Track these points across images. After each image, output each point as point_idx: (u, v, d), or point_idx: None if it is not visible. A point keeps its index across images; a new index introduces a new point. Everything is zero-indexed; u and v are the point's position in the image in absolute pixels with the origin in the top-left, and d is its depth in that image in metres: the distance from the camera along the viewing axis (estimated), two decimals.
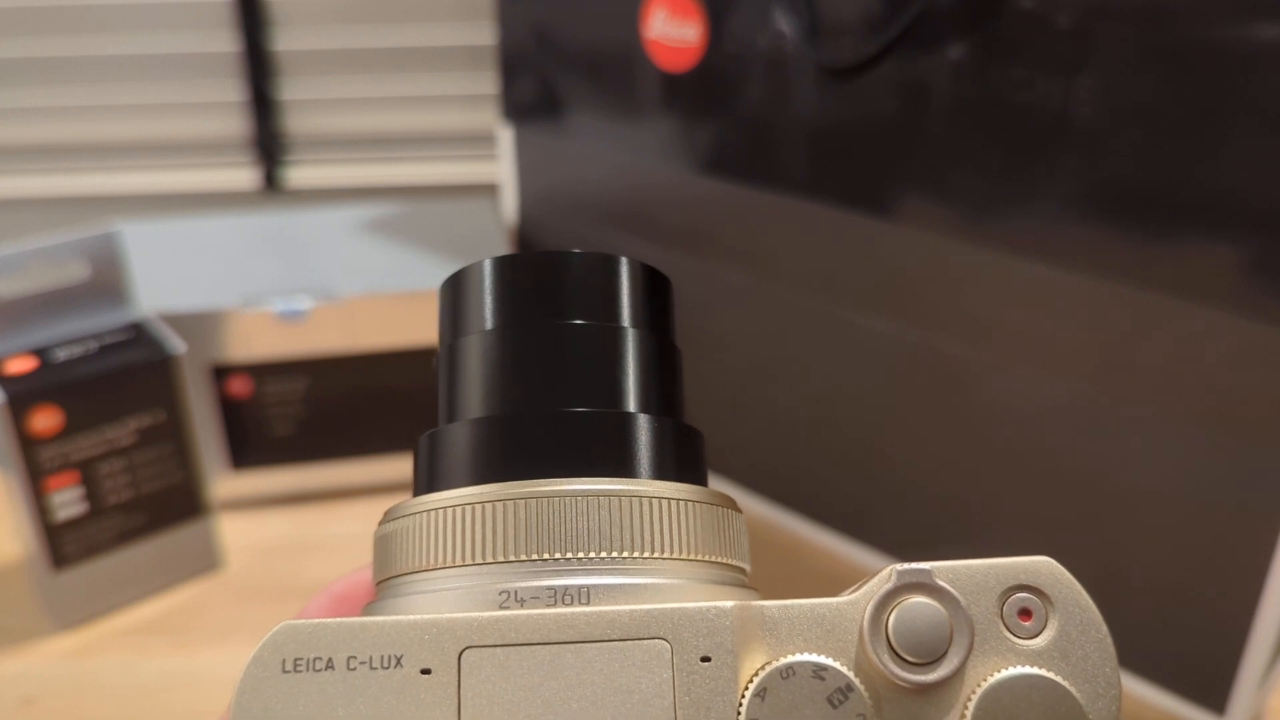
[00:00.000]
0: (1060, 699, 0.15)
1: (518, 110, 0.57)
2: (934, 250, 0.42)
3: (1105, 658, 0.16)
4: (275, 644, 0.16)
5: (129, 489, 0.48)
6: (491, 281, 0.21)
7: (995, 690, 0.16)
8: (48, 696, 0.45)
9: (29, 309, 0.47)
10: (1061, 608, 0.16)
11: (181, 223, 0.64)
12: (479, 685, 0.16)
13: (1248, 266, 0.35)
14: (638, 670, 0.16)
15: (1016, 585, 0.16)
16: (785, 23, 0.44)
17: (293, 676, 0.16)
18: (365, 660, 0.16)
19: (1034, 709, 0.15)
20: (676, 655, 0.16)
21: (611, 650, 0.16)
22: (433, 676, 0.16)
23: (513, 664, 0.16)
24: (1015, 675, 0.16)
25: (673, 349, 0.22)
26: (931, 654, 0.16)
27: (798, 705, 0.15)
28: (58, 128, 0.87)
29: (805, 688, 0.15)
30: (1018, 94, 0.38)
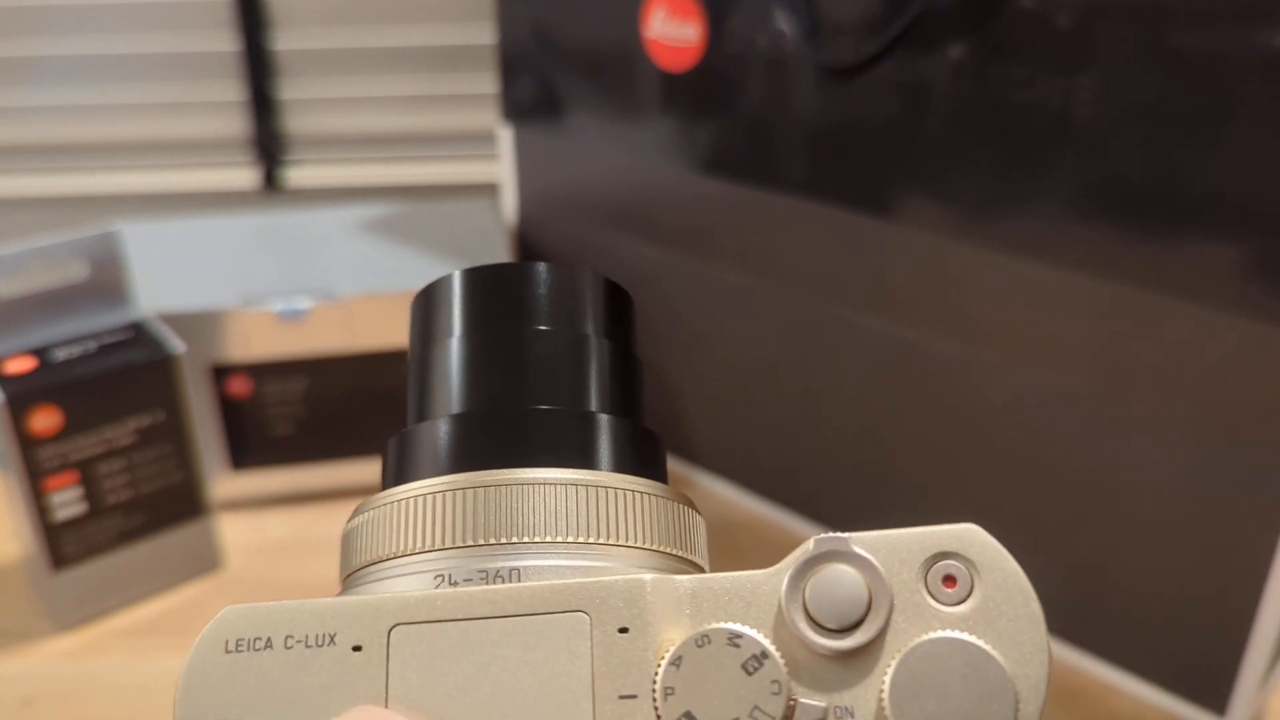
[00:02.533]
0: (982, 662, 0.15)
1: (518, 110, 0.57)
2: (934, 250, 0.42)
3: (1032, 623, 0.15)
4: (219, 626, 0.17)
5: (128, 489, 0.48)
6: (459, 292, 0.22)
7: (915, 654, 0.15)
8: (47, 697, 0.45)
9: (29, 309, 0.47)
10: (987, 574, 0.16)
11: (181, 223, 0.64)
12: (406, 660, 0.16)
13: (1248, 266, 0.35)
14: (557, 642, 0.16)
15: (940, 553, 0.16)
16: (785, 23, 0.44)
17: (234, 656, 0.16)
18: (301, 639, 0.16)
19: (954, 673, 0.15)
20: (595, 627, 0.16)
21: (532, 624, 0.16)
22: (363, 653, 0.16)
23: (438, 639, 0.16)
24: (935, 639, 0.15)
25: (632, 358, 0.23)
26: (849, 621, 0.16)
27: (712, 673, 0.15)
28: (58, 128, 0.87)
29: (720, 655, 0.15)
30: (1018, 94, 0.38)
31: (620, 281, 0.23)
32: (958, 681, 0.15)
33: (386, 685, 0.16)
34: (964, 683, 0.15)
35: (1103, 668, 0.43)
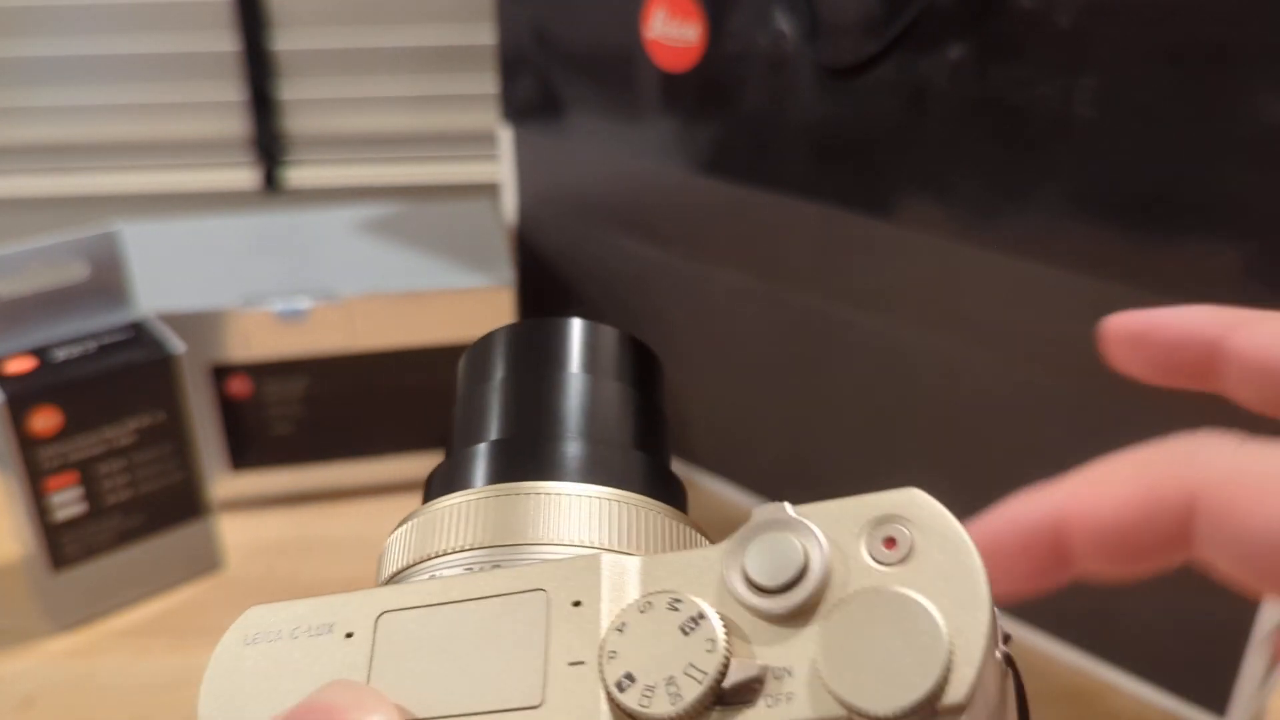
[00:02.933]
0: (914, 611, 0.15)
1: (518, 110, 0.57)
2: (934, 250, 0.42)
3: (971, 577, 0.15)
4: (243, 622, 0.19)
5: (128, 489, 0.48)
6: (504, 341, 0.25)
7: (846, 607, 0.15)
8: (47, 697, 0.45)
9: (28, 309, 0.47)
10: (927, 534, 0.16)
11: (181, 223, 0.64)
12: (389, 642, 0.18)
13: (1248, 266, 0.35)
14: (518, 618, 0.17)
15: (881, 516, 0.16)
16: (785, 23, 0.44)
17: (251, 647, 0.19)
18: (306, 629, 0.18)
19: (885, 623, 0.15)
20: (552, 603, 0.17)
21: (499, 604, 0.17)
22: (354, 638, 0.18)
23: (418, 623, 0.18)
24: (865, 590, 0.15)
25: (657, 409, 0.25)
26: (785, 580, 0.16)
27: (651, 635, 0.16)
28: (58, 128, 0.87)
29: (660, 619, 0.16)
30: (1018, 94, 0.38)
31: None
32: (888, 630, 0.15)
33: (370, 666, 0.17)
34: (894, 631, 0.15)
35: (1103, 668, 0.43)
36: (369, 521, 0.56)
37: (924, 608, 0.15)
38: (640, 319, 0.55)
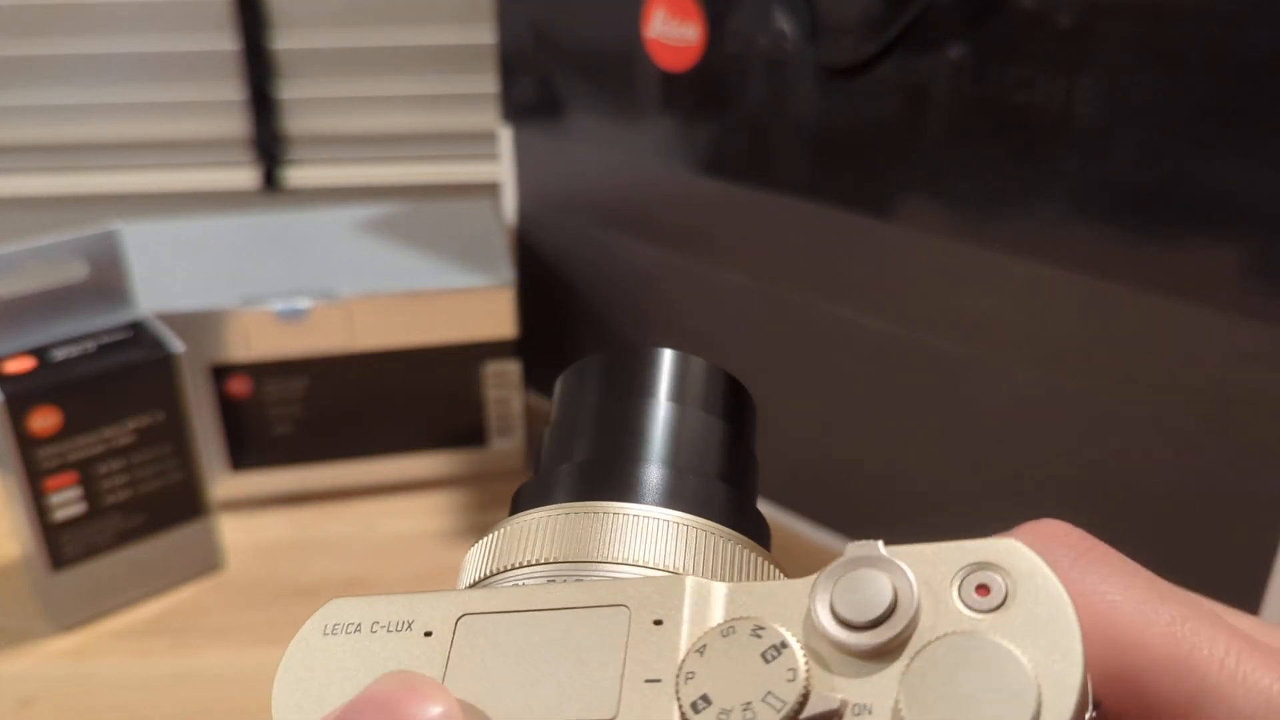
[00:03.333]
0: (1003, 659, 0.15)
1: (518, 110, 0.57)
2: (934, 250, 0.42)
3: (1066, 632, 0.15)
4: (324, 613, 0.19)
5: (128, 489, 0.48)
6: (600, 366, 0.25)
7: (933, 649, 0.15)
8: (46, 697, 0.45)
9: (28, 309, 0.47)
10: (1024, 585, 0.16)
11: (181, 223, 0.64)
12: (467, 643, 0.18)
13: (1248, 266, 0.35)
14: (598, 631, 0.17)
15: (977, 563, 0.16)
16: (785, 23, 0.44)
17: (329, 638, 0.19)
18: (385, 625, 0.19)
19: (972, 668, 0.15)
20: (634, 619, 0.17)
21: (580, 615, 0.17)
22: (433, 637, 0.18)
23: (498, 627, 0.18)
24: (954, 635, 0.15)
25: (746, 446, 0.25)
26: (872, 617, 0.16)
27: (732, 660, 0.16)
28: (58, 128, 0.87)
29: (742, 644, 0.16)
30: (1018, 94, 0.38)
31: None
32: (975, 677, 0.15)
33: (446, 665, 0.18)
34: (982, 677, 0.15)
35: None
36: (369, 521, 0.56)
37: (1014, 656, 0.15)
38: (640, 319, 0.55)
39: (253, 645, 0.47)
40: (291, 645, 0.19)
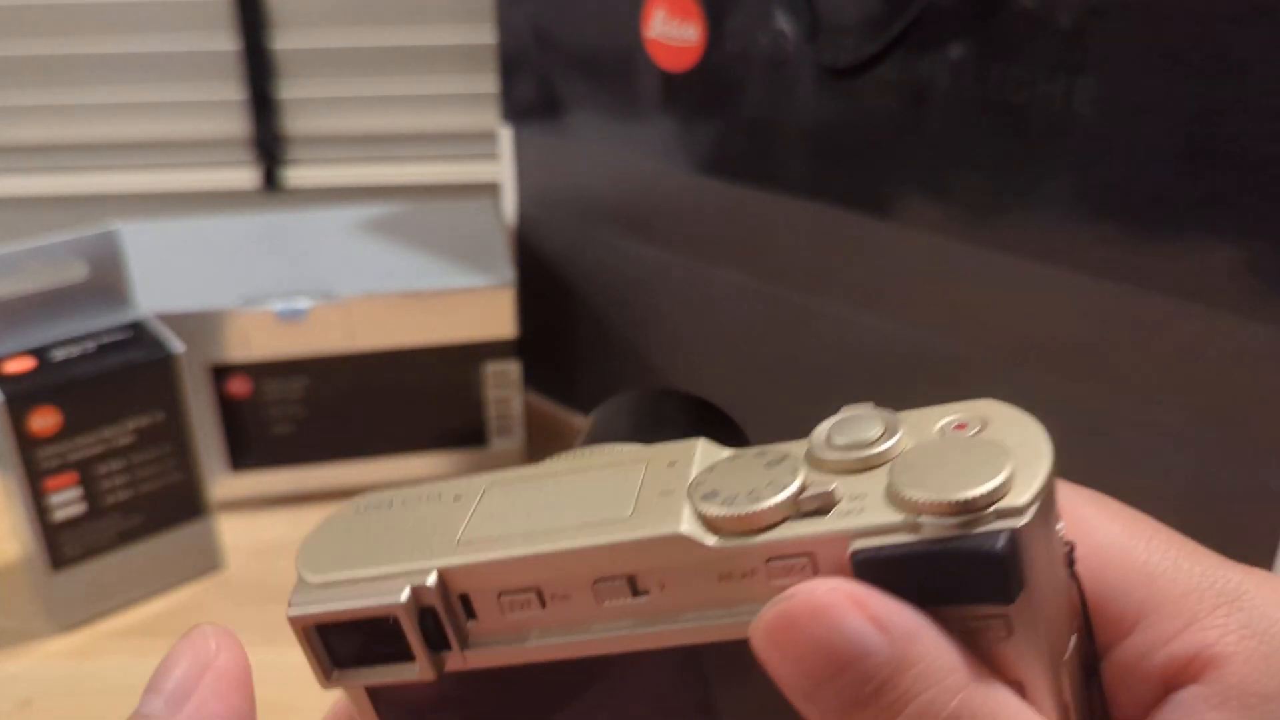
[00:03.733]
0: (983, 445, 0.17)
1: (518, 110, 0.57)
2: (934, 250, 0.42)
3: (1038, 441, 0.17)
4: (356, 500, 0.21)
5: (128, 489, 0.48)
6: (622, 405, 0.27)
7: (920, 446, 0.17)
8: (46, 697, 0.44)
9: (28, 309, 0.47)
10: (998, 418, 0.18)
11: (181, 223, 0.64)
12: (490, 502, 0.20)
13: (1248, 267, 0.35)
14: (618, 476, 0.19)
15: (956, 413, 0.18)
16: (785, 23, 0.44)
17: (360, 514, 0.21)
18: (416, 497, 0.20)
19: (955, 452, 0.17)
20: (650, 467, 0.19)
21: (603, 470, 0.19)
22: (461, 500, 0.20)
23: (522, 488, 0.20)
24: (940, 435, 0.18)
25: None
26: (864, 440, 0.18)
27: (739, 469, 0.18)
28: (58, 128, 0.87)
29: (749, 461, 0.18)
30: (1018, 94, 0.38)
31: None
32: (957, 456, 0.17)
33: (468, 520, 0.19)
34: (963, 456, 0.17)
35: None
36: None
37: (992, 441, 0.17)
38: (640, 318, 0.55)
39: (253, 645, 0.47)
40: (322, 521, 0.21)
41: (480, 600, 0.19)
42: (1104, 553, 0.19)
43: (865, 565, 0.16)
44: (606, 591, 0.18)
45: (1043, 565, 0.16)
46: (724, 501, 0.17)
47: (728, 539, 0.17)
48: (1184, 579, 0.18)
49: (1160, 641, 0.18)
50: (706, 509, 0.17)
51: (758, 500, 0.17)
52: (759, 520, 0.17)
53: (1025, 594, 0.16)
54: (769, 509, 0.17)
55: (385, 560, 0.19)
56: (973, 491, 0.16)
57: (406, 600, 0.18)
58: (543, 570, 0.18)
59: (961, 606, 0.16)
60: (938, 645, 0.16)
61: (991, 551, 0.15)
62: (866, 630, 0.16)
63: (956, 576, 0.16)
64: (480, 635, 0.19)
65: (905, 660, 0.16)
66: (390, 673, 0.19)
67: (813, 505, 0.17)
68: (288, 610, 0.19)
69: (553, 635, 0.19)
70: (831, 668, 0.16)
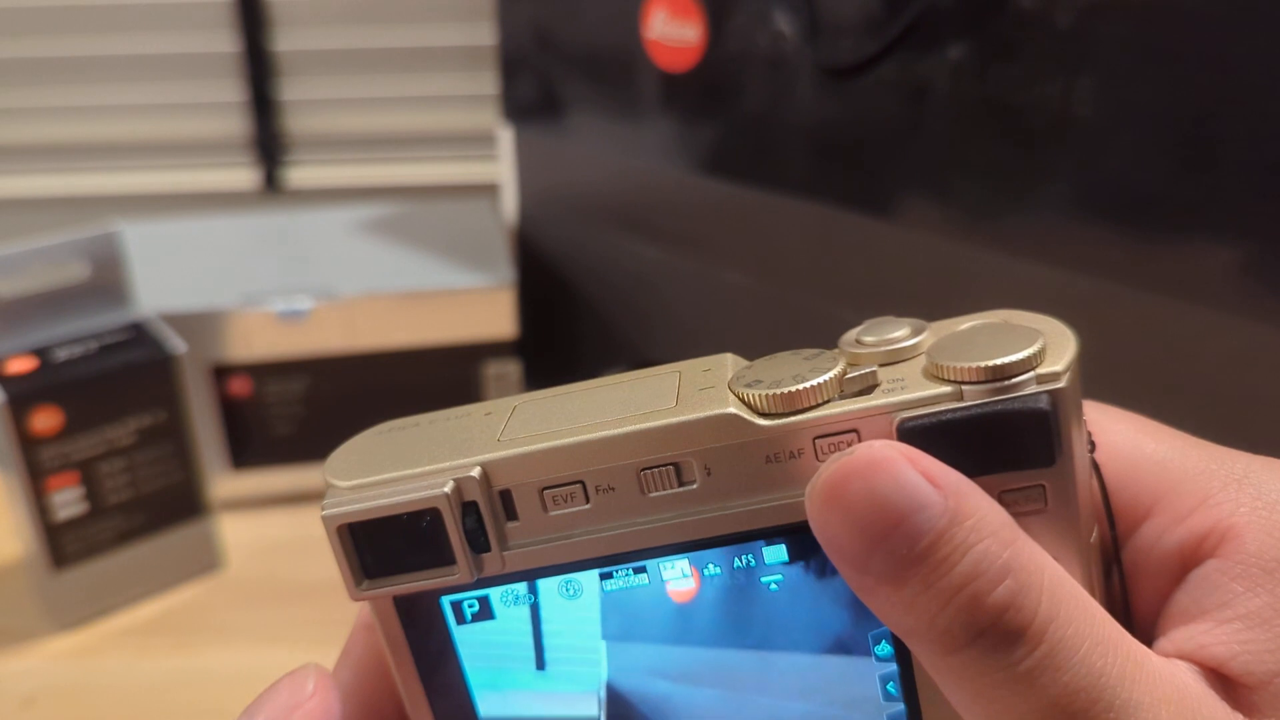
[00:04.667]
0: (1014, 326, 0.17)
1: (518, 110, 0.58)
2: (934, 250, 0.42)
3: (1063, 334, 0.17)
4: (376, 427, 0.21)
5: (129, 489, 0.48)
6: None
7: (955, 329, 0.18)
8: (47, 696, 0.45)
9: (29, 309, 0.47)
10: (1023, 317, 0.19)
11: (181, 223, 0.64)
12: (525, 412, 0.19)
13: (1247, 267, 0.35)
14: (654, 384, 0.19)
15: (982, 318, 0.19)
16: (785, 23, 0.44)
17: (385, 435, 0.20)
18: (445, 416, 0.20)
19: (988, 332, 0.17)
20: (685, 374, 0.19)
21: (635, 381, 0.19)
22: (492, 415, 0.20)
23: (557, 400, 0.20)
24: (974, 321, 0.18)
25: None
26: (894, 339, 0.18)
27: (780, 362, 0.18)
28: (58, 128, 0.87)
29: (787, 357, 0.18)
30: (1018, 94, 0.38)
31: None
32: (990, 334, 0.17)
33: (503, 428, 0.19)
34: (996, 333, 0.17)
35: None
36: None
37: (1023, 324, 0.18)
38: (640, 319, 0.55)
39: (253, 645, 0.47)
40: (345, 443, 0.20)
41: (522, 497, 0.18)
42: (1114, 448, 0.19)
43: (911, 434, 0.17)
44: (652, 480, 0.18)
45: (1076, 437, 0.17)
46: (769, 385, 0.17)
47: (775, 419, 0.17)
48: (1193, 464, 0.19)
49: (1175, 521, 0.18)
50: (752, 393, 0.17)
51: (802, 381, 0.17)
52: (805, 399, 0.17)
53: (1063, 459, 0.16)
54: (814, 388, 0.17)
55: (422, 462, 0.19)
56: (1012, 356, 0.16)
57: (450, 492, 0.18)
58: (589, 458, 0.18)
59: (1004, 474, 0.17)
60: (988, 502, 0.16)
61: (1036, 410, 0.16)
62: (922, 484, 0.16)
63: (1000, 440, 0.16)
64: (521, 536, 0.19)
65: (960, 513, 0.16)
66: (426, 578, 0.19)
67: (856, 387, 0.17)
68: (321, 511, 0.19)
69: (598, 529, 0.18)
70: (890, 521, 0.16)
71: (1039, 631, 0.16)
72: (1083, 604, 0.16)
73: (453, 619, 0.20)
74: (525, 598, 0.20)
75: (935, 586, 0.16)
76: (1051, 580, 0.16)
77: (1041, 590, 0.16)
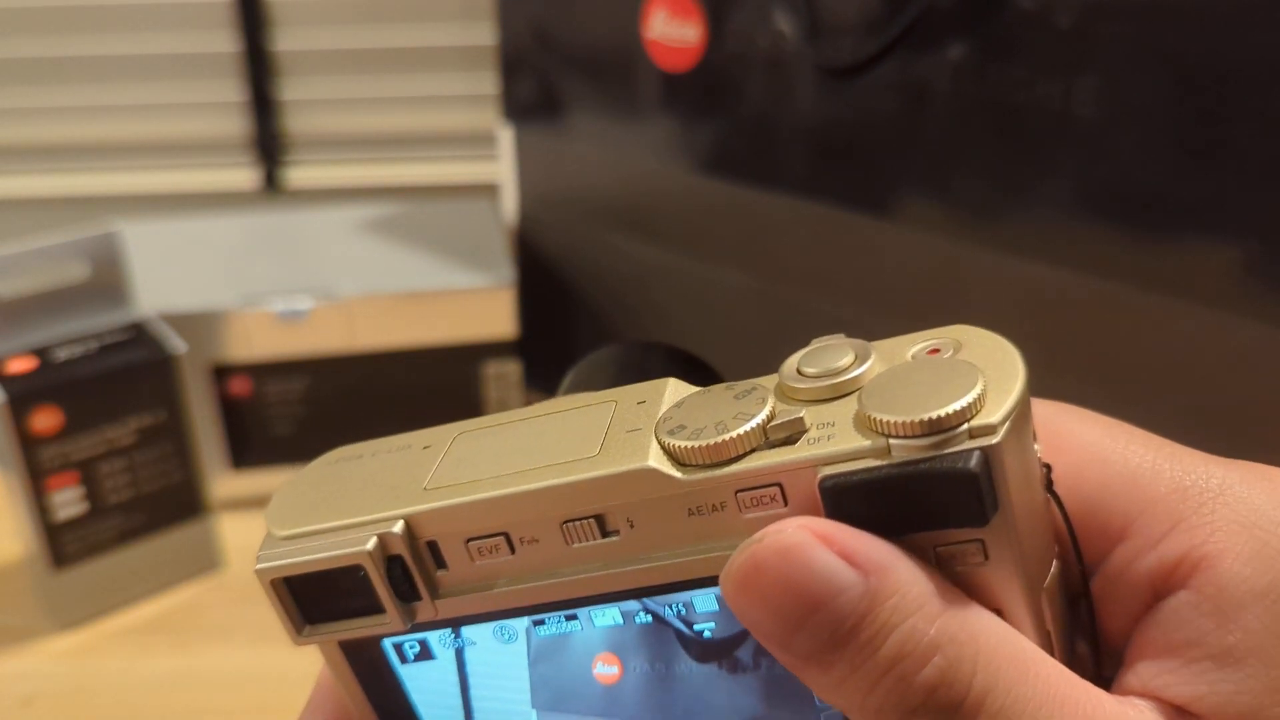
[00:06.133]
0: (954, 364, 0.16)
1: (518, 110, 0.58)
2: (934, 250, 0.42)
3: (1010, 360, 0.16)
4: (330, 454, 0.21)
5: (129, 489, 0.48)
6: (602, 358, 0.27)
7: (891, 369, 0.17)
8: (47, 696, 0.45)
9: (29, 309, 0.47)
10: (971, 342, 0.17)
11: (181, 223, 0.64)
12: (459, 448, 0.19)
13: (1248, 267, 0.35)
14: (586, 419, 0.19)
15: (931, 338, 0.18)
16: (785, 23, 0.44)
17: (335, 465, 0.20)
18: (388, 449, 0.20)
19: (925, 372, 0.16)
20: (620, 405, 0.19)
21: (574, 411, 0.19)
22: (430, 449, 0.20)
23: (492, 434, 0.19)
24: (911, 359, 0.17)
25: None
26: (834, 371, 0.17)
27: (708, 403, 0.17)
28: (58, 128, 0.87)
29: (717, 395, 0.18)
30: (1018, 94, 0.38)
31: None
32: (926, 376, 0.16)
33: (436, 467, 0.19)
34: (933, 375, 0.16)
35: None
36: None
37: (963, 361, 0.16)
38: (640, 318, 0.55)
39: (253, 645, 0.47)
40: (290, 477, 0.21)
41: (449, 547, 0.18)
42: (1083, 464, 0.18)
43: (834, 493, 0.16)
44: (575, 532, 0.17)
45: (1018, 486, 0.16)
46: (691, 434, 0.17)
47: (695, 471, 0.16)
48: (1167, 479, 0.18)
49: (1148, 546, 0.17)
50: (673, 442, 0.17)
51: (724, 431, 0.16)
52: (726, 451, 0.16)
53: (1000, 515, 0.15)
54: (735, 439, 0.16)
55: (352, 511, 0.19)
56: (942, 410, 0.15)
57: (373, 549, 0.18)
58: (510, 512, 0.18)
59: (935, 531, 0.16)
60: (912, 574, 0.15)
61: (963, 471, 0.15)
62: (837, 566, 0.15)
63: (928, 500, 0.15)
64: (451, 584, 0.19)
65: (880, 593, 0.15)
66: (362, 626, 0.19)
67: (781, 434, 0.16)
68: (256, 565, 0.19)
69: (523, 580, 0.18)
70: (805, 608, 0.15)
71: (974, 705, 0.15)
72: (1025, 665, 0.15)
73: (396, 660, 0.20)
74: (456, 642, 0.20)
75: (861, 670, 0.15)
76: (988, 647, 0.15)
77: (976, 661, 0.15)
